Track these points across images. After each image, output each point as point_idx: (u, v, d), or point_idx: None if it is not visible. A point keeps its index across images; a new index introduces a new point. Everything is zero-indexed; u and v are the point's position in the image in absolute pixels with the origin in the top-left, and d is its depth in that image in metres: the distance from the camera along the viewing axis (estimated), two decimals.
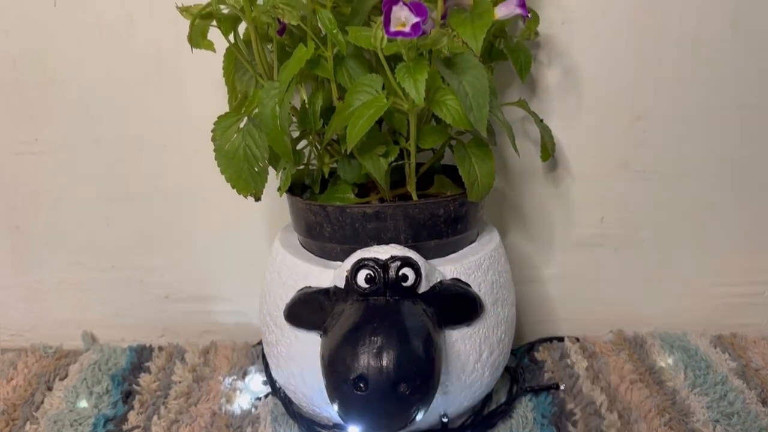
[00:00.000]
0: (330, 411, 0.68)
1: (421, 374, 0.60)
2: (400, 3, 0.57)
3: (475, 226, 0.75)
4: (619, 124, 0.88)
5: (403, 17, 0.58)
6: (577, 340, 0.95)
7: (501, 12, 0.69)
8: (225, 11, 0.68)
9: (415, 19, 0.57)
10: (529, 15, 0.71)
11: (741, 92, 0.87)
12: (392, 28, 0.58)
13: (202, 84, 0.85)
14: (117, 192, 0.91)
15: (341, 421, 0.63)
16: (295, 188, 0.76)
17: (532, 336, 0.97)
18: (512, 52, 0.78)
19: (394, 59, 0.63)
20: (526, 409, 0.80)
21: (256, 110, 0.67)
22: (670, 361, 0.89)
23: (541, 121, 0.83)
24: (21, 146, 0.89)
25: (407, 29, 0.58)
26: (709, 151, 0.89)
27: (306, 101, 0.71)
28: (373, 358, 0.58)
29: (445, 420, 0.71)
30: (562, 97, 0.87)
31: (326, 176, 0.75)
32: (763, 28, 0.85)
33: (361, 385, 0.58)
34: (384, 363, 0.58)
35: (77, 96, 0.87)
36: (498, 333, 0.72)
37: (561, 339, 0.96)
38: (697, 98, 0.87)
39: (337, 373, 0.60)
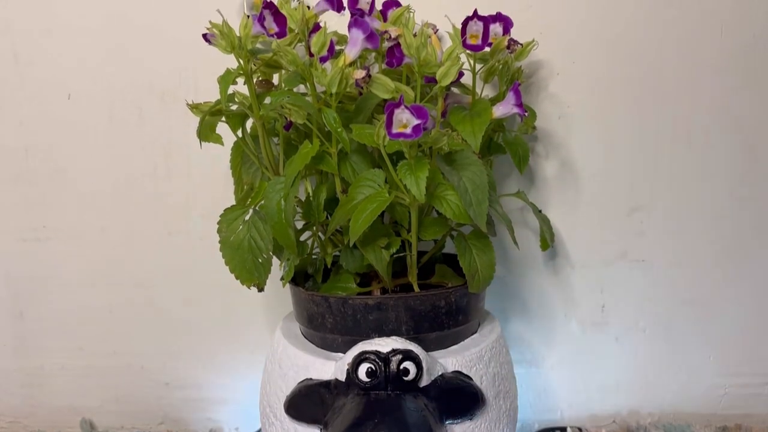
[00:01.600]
0: None
1: None
2: (402, 106, 0.59)
3: (477, 316, 0.75)
4: (617, 214, 0.90)
5: (404, 119, 0.60)
6: (580, 430, 0.94)
7: (499, 111, 0.71)
8: (233, 108, 0.70)
9: (416, 122, 0.59)
10: (526, 113, 0.74)
11: (735, 184, 0.89)
12: (394, 130, 0.60)
13: (209, 174, 0.87)
14: (121, 279, 0.92)
15: None
16: (298, 277, 0.77)
17: (535, 425, 0.96)
18: (510, 145, 0.81)
19: (397, 155, 0.65)
20: None
21: (262, 202, 0.68)
22: None
23: (540, 211, 0.84)
24: (29, 233, 0.91)
25: (409, 131, 0.60)
26: (708, 239, 0.91)
27: (310, 194, 0.73)
28: None
29: None
30: (560, 188, 0.89)
31: (329, 265, 0.76)
32: (754, 121, 0.87)
33: None
34: None
35: (86, 185, 0.90)
36: (500, 426, 0.71)
37: (563, 429, 0.94)
38: (694, 188, 0.89)
39: None
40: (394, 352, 0.64)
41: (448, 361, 0.69)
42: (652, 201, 0.89)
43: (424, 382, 0.65)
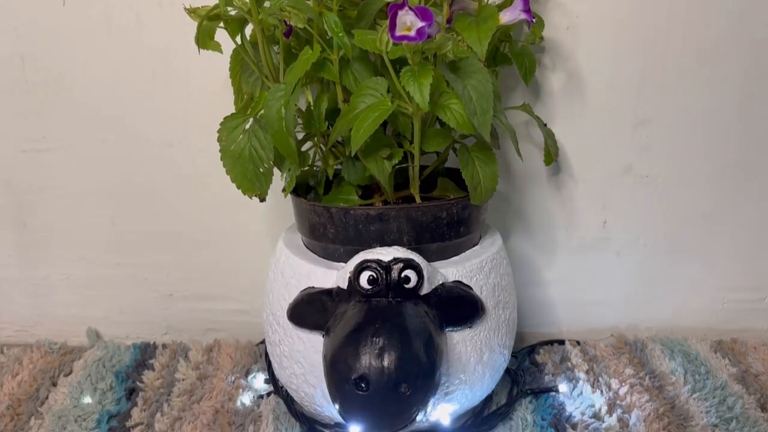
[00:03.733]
0: (331, 410, 0.68)
1: (422, 375, 0.61)
2: (406, 8, 0.57)
3: (478, 229, 0.75)
4: (623, 128, 0.89)
5: (408, 22, 0.58)
6: (578, 343, 0.96)
7: (506, 17, 0.69)
8: (232, 13, 0.68)
9: (420, 24, 0.57)
10: (534, 20, 0.72)
11: (745, 97, 0.87)
12: (398, 33, 0.58)
13: (208, 84, 0.86)
14: (122, 190, 0.92)
15: (342, 421, 0.64)
16: (300, 189, 0.76)
17: (533, 339, 0.97)
18: (517, 56, 0.79)
19: (399, 62, 0.63)
20: (525, 411, 0.80)
21: (262, 111, 0.67)
22: (670, 365, 0.89)
23: (545, 125, 0.83)
24: (28, 144, 0.90)
25: (412, 34, 0.58)
26: (713, 156, 0.90)
27: (311, 103, 0.71)
28: (374, 359, 0.59)
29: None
30: (566, 101, 0.87)
31: (330, 178, 0.76)
32: (766, 37, 0.85)
33: (363, 385, 0.59)
34: (385, 363, 0.59)
35: (84, 95, 0.88)
36: (499, 335, 0.72)
37: (562, 342, 0.96)
38: (701, 103, 0.88)
39: (339, 373, 0.61)
40: (396, 260, 0.65)
41: (449, 271, 0.69)
42: (658, 115, 0.88)
43: (425, 290, 0.66)
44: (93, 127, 0.89)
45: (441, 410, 0.71)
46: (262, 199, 0.70)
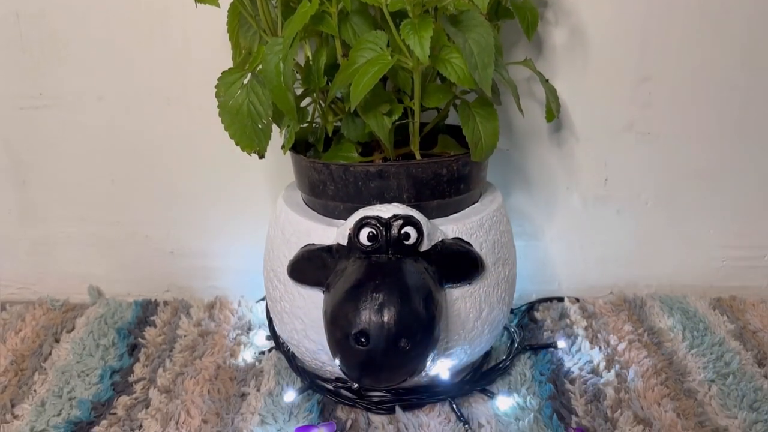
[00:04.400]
0: (332, 365, 0.69)
1: (421, 330, 0.61)
2: None
3: (478, 186, 0.75)
4: (626, 85, 0.88)
5: None
6: (577, 300, 0.96)
7: None
8: None
9: None
10: None
11: (748, 54, 0.86)
12: None
13: (206, 40, 0.85)
14: (121, 148, 0.92)
15: (343, 375, 0.65)
16: (299, 146, 0.76)
17: (533, 296, 0.98)
18: (519, 10, 0.77)
19: (399, 16, 0.62)
20: (524, 366, 0.81)
21: (260, 66, 0.67)
22: (669, 322, 0.90)
23: (547, 81, 0.82)
24: (25, 101, 0.90)
25: None
26: (716, 113, 0.89)
27: (310, 58, 0.71)
28: (374, 314, 0.60)
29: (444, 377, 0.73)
30: (568, 57, 0.86)
31: (330, 134, 0.75)
32: None
33: (363, 339, 0.60)
34: (385, 319, 0.59)
35: (81, 52, 0.87)
36: (498, 292, 0.73)
37: (561, 299, 0.97)
38: (705, 59, 0.87)
39: (340, 328, 0.62)
40: (396, 217, 0.65)
41: (449, 228, 0.69)
42: (661, 71, 0.87)
43: (425, 246, 0.66)
44: (90, 84, 0.89)
45: (440, 365, 0.72)
46: (261, 156, 0.70)
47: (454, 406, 0.74)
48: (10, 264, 0.99)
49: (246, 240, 0.95)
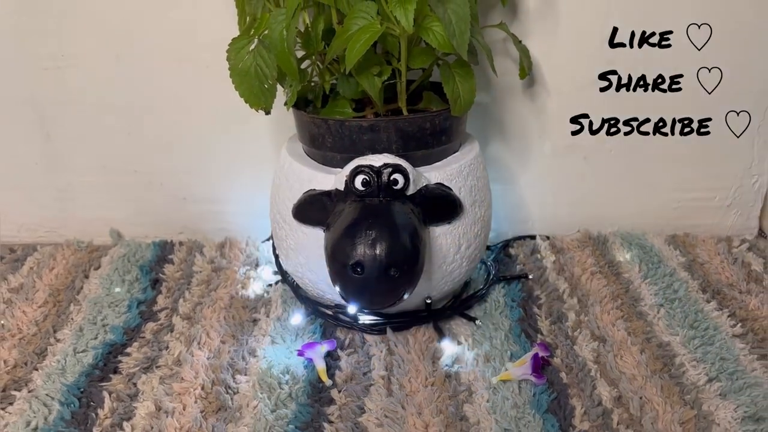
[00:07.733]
0: (332, 293, 0.80)
1: (408, 261, 0.72)
2: None
3: (458, 137, 0.85)
4: (592, 44, 0.96)
5: None
6: (548, 238, 1.08)
7: None
8: None
9: None
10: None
11: (713, 10, 0.94)
12: None
13: (213, 4, 0.93)
14: (137, 104, 1.00)
15: (342, 301, 0.76)
16: (300, 103, 0.85)
17: (509, 234, 1.09)
18: None
19: None
20: (498, 294, 0.93)
21: (266, 32, 0.75)
22: (627, 256, 1.01)
23: (520, 42, 0.91)
24: (48, 61, 0.97)
25: None
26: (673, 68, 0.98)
27: (309, 25, 0.79)
28: (368, 248, 0.70)
29: (428, 301, 0.84)
30: (540, 19, 0.95)
31: (327, 92, 0.84)
32: None
33: (359, 269, 0.70)
34: (377, 251, 0.70)
35: (100, 14, 0.95)
36: (475, 230, 0.83)
37: (533, 237, 1.08)
38: (670, 18, 0.94)
39: (338, 260, 0.72)
40: (386, 165, 0.75)
41: (432, 174, 0.79)
42: (624, 33, 0.95)
43: (411, 191, 0.76)
44: (108, 44, 0.96)
45: (424, 292, 0.83)
46: (268, 112, 0.79)
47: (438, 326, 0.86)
48: (38, 210, 1.09)
49: (251, 187, 1.04)
